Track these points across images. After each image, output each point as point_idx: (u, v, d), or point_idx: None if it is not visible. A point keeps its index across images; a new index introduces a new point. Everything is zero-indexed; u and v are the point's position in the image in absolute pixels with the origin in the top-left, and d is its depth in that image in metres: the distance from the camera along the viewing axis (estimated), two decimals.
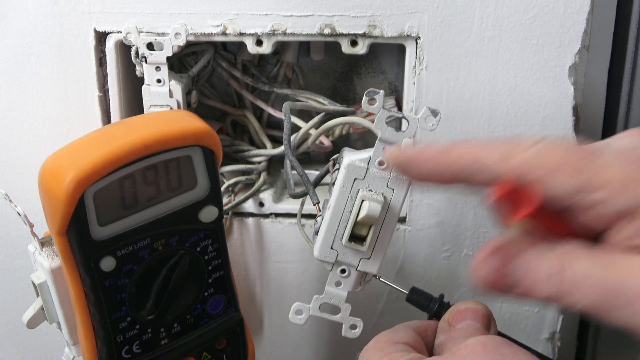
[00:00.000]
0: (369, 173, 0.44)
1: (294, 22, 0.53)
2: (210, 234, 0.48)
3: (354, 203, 0.44)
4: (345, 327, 0.47)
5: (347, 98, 0.65)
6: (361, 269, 0.45)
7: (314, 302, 0.46)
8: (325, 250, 0.45)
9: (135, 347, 0.47)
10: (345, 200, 0.44)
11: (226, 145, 0.61)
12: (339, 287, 0.46)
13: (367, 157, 0.44)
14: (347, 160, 0.44)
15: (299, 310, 0.47)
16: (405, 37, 0.54)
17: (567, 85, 0.54)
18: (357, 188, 0.44)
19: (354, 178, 0.44)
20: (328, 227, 0.44)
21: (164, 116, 0.49)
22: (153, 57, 0.54)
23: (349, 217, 0.44)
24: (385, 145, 0.43)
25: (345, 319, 0.47)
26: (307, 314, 0.46)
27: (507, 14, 0.52)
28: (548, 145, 0.36)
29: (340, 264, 0.45)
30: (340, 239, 0.44)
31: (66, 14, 0.54)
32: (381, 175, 0.44)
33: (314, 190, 0.50)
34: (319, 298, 0.46)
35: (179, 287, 0.48)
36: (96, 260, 0.44)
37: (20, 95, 0.57)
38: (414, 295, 0.48)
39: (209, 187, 0.47)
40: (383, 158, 0.43)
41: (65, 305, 0.48)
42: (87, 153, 0.42)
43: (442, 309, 0.46)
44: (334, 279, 0.46)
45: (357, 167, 0.44)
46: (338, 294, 0.46)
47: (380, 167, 0.44)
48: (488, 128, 0.55)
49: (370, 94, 0.42)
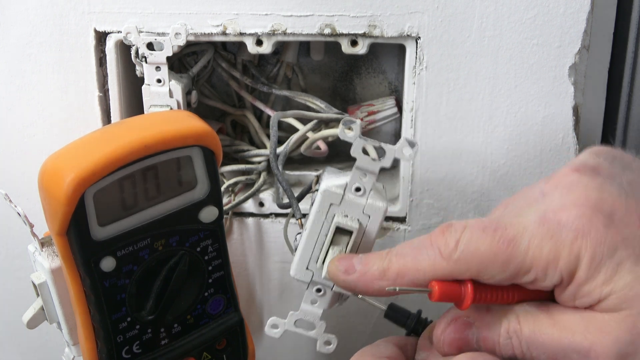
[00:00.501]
0: (345, 199, 0.44)
1: (294, 22, 0.53)
2: (210, 234, 0.48)
3: (329, 227, 0.44)
4: (319, 343, 0.48)
5: (347, 98, 0.64)
6: (336, 290, 0.45)
7: (290, 318, 0.47)
8: (301, 270, 0.45)
9: (135, 347, 0.47)
10: (321, 225, 0.44)
11: (226, 145, 0.61)
12: (315, 305, 0.46)
13: (344, 184, 0.44)
14: (324, 186, 0.44)
15: (275, 325, 0.47)
16: (405, 37, 0.54)
17: (567, 85, 0.54)
18: (332, 213, 0.44)
19: (330, 203, 0.44)
20: (304, 249, 0.45)
21: (164, 116, 0.49)
22: (153, 57, 0.54)
23: (325, 240, 0.44)
24: (363, 172, 0.43)
25: (319, 336, 0.47)
26: (283, 328, 0.47)
27: (507, 14, 0.52)
28: (471, 240, 0.39)
29: (315, 283, 0.46)
30: (315, 261, 0.45)
31: (66, 14, 0.54)
32: (357, 201, 0.44)
33: (297, 205, 0.50)
34: (294, 314, 0.47)
35: (179, 287, 0.48)
36: (96, 261, 0.44)
37: (20, 95, 0.57)
38: (390, 312, 0.48)
39: (209, 187, 0.47)
40: (334, 267, 0.43)
41: (65, 306, 0.48)
42: (87, 153, 0.42)
43: (420, 325, 0.47)
44: (310, 297, 0.46)
45: (333, 193, 0.44)
46: (313, 312, 0.46)
47: (356, 193, 0.44)
48: (488, 128, 0.55)
49: (346, 123, 0.42)
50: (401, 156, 0.43)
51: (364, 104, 0.62)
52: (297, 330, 0.47)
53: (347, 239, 0.44)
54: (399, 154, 0.43)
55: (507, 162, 0.56)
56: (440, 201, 0.57)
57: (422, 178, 0.57)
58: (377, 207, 0.44)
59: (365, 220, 0.44)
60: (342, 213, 0.44)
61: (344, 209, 0.44)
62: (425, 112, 0.55)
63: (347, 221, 0.44)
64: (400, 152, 0.43)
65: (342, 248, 0.44)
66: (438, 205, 0.58)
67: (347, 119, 0.43)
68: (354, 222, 0.44)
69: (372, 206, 0.44)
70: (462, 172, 0.56)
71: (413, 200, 0.57)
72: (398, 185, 0.59)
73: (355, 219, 0.44)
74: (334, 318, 0.51)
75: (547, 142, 0.55)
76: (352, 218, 0.44)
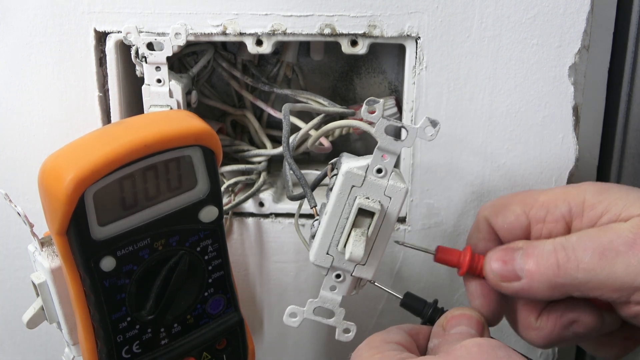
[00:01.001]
0: (366, 181, 0.44)
1: (294, 22, 0.53)
2: (210, 234, 0.48)
3: (351, 210, 0.44)
4: (338, 331, 0.47)
5: (347, 98, 0.64)
6: (356, 274, 0.45)
7: (309, 306, 0.47)
8: (321, 255, 0.45)
9: (135, 347, 0.47)
10: (342, 207, 0.44)
11: (226, 145, 0.61)
12: (334, 292, 0.46)
13: (365, 165, 0.44)
14: (346, 167, 0.44)
15: (293, 314, 0.47)
16: (405, 37, 0.54)
17: (567, 85, 0.54)
18: (354, 195, 0.44)
19: (352, 185, 0.44)
20: (324, 233, 0.45)
21: (164, 116, 0.49)
22: (153, 57, 0.54)
23: (346, 223, 0.44)
24: (384, 154, 0.43)
25: (339, 323, 0.47)
26: (302, 317, 0.47)
27: (507, 14, 0.52)
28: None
29: (335, 269, 0.45)
30: (336, 245, 0.45)
31: (66, 14, 0.54)
32: (379, 183, 0.44)
33: (311, 193, 0.50)
34: (314, 302, 0.47)
35: (179, 287, 0.47)
36: (96, 260, 0.44)
37: (20, 95, 0.57)
38: (408, 300, 0.48)
39: (209, 187, 0.47)
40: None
41: (65, 305, 0.48)
42: (87, 153, 0.42)
43: (436, 314, 0.47)
44: (329, 284, 0.46)
45: (355, 174, 0.44)
46: (332, 298, 0.46)
47: (378, 175, 0.44)
48: (488, 128, 0.55)
49: (370, 102, 0.42)
50: (423, 136, 0.43)
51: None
52: (316, 319, 0.47)
53: (369, 221, 0.44)
54: (421, 134, 0.43)
55: (507, 162, 0.56)
56: (440, 201, 0.57)
57: (422, 178, 0.57)
58: (398, 188, 0.44)
59: (387, 202, 0.44)
60: (364, 195, 0.44)
61: (366, 191, 0.44)
62: (425, 112, 0.55)
63: (369, 203, 0.43)
64: (423, 131, 0.43)
65: (364, 230, 0.44)
66: (438, 205, 0.58)
67: (370, 99, 0.43)
68: (375, 204, 0.44)
69: (394, 187, 0.44)
70: (462, 172, 0.56)
71: (413, 200, 0.57)
72: None
73: (377, 200, 0.44)
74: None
75: (547, 142, 0.55)
76: (373, 200, 0.44)
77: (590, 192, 0.46)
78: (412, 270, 0.60)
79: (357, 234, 0.44)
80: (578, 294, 0.43)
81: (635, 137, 0.60)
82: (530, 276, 0.43)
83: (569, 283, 0.43)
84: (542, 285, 0.43)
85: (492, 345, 0.41)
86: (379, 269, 0.46)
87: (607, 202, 0.44)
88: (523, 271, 0.44)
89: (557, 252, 0.43)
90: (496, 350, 0.40)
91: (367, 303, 0.60)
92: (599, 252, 0.42)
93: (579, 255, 0.42)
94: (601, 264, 0.42)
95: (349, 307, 0.48)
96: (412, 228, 0.58)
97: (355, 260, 0.44)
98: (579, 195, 0.46)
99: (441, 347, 0.44)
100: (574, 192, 0.46)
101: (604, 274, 0.42)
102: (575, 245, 0.43)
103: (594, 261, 0.42)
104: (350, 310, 0.49)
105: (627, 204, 0.44)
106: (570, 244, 0.43)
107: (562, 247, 0.43)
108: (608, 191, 0.45)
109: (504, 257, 0.45)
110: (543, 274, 0.43)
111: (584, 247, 0.43)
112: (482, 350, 0.40)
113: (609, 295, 0.42)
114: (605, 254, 0.42)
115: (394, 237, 0.57)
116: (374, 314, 0.61)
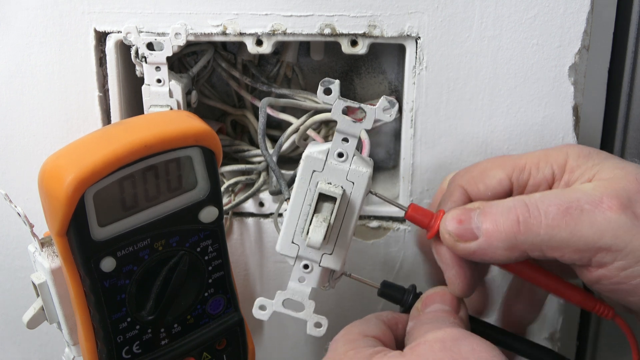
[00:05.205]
0: (327, 165, 0.43)
1: (294, 22, 0.53)
2: (210, 234, 0.48)
3: (313, 196, 0.43)
4: (309, 325, 0.46)
5: (347, 98, 0.64)
6: (324, 265, 0.44)
7: (277, 297, 0.45)
8: (286, 244, 0.44)
9: (135, 347, 0.47)
10: (305, 193, 0.43)
11: (226, 145, 0.61)
12: (302, 283, 0.45)
13: (326, 149, 0.43)
14: (306, 152, 0.43)
15: (263, 306, 0.45)
16: (405, 37, 0.54)
17: (567, 85, 0.54)
18: (315, 180, 0.43)
19: (313, 170, 0.43)
20: (288, 221, 0.44)
21: (164, 116, 0.49)
22: (153, 57, 0.54)
23: (309, 210, 0.43)
24: (344, 136, 0.42)
25: (309, 316, 0.46)
26: (271, 309, 0.45)
27: (507, 14, 0.52)
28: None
29: (302, 259, 0.44)
30: (300, 233, 0.43)
31: (66, 14, 0.54)
32: (340, 167, 0.43)
33: (286, 185, 0.49)
34: (282, 293, 0.45)
35: (179, 287, 0.48)
36: (96, 261, 0.44)
37: (20, 95, 0.57)
38: (385, 289, 0.47)
39: (209, 188, 0.47)
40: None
41: (66, 306, 0.48)
42: (87, 154, 0.42)
43: (415, 300, 0.46)
44: (297, 275, 0.45)
45: (316, 159, 0.43)
46: (301, 290, 0.45)
47: (339, 159, 0.43)
48: (488, 128, 0.55)
49: (325, 83, 0.41)
50: (382, 117, 0.42)
51: (364, 104, 0.62)
52: (285, 312, 0.45)
53: (332, 207, 0.43)
54: (379, 115, 0.42)
55: None
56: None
57: (422, 178, 0.57)
58: (360, 173, 0.43)
59: (350, 187, 0.43)
60: (326, 180, 0.43)
61: (327, 176, 0.43)
62: (425, 112, 0.55)
63: (330, 188, 0.43)
64: (381, 112, 0.42)
65: (327, 216, 0.43)
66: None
67: (325, 79, 0.42)
68: (337, 189, 0.43)
69: (356, 172, 0.43)
70: None
71: (413, 200, 0.57)
72: (398, 185, 0.59)
73: (339, 185, 0.43)
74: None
75: (547, 142, 0.55)
76: (335, 185, 0.43)
77: (572, 155, 0.44)
78: (412, 270, 0.60)
79: (319, 220, 0.42)
80: (538, 254, 0.41)
81: (635, 137, 0.60)
82: (487, 234, 0.41)
83: (530, 241, 0.41)
84: (500, 244, 0.41)
85: (455, 339, 0.40)
86: (346, 259, 0.45)
87: (585, 166, 0.43)
88: (480, 230, 0.42)
89: (517, 208, 0.41)
90: (459, 343, 0.39)
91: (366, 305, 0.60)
92: (564, 208, 0.40)
93: (543, 210, 0.41)
94: (565, 220, 0.40)
95: (347, 306, 0.48)
96: (412, 228, 0.58)
97: (314, 246, 0.42)
98: (561, 157, 0.45)
99: (414, 330, 0.44)
100: (555, 155, 0.45)
101: (567, 231, 0.40)
102: (539, 201, 0.41)
103: (558, 217, 0.40)
104: (350, 312, 0.48)
105: (600, 170, 0.43)
106: (533, 199, 0.41)
107: (523, 203, 0.41)
108: (588, 156, 0.44)
109: (460, 217, 0.43)
110: (502, 231, 0.41)
111: (548, 202, 0.41)
112: (444, 347, 0.39)
113: (569, 256, 0.41)
114: (570, 211, 0.40)
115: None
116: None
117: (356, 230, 0.58)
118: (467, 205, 0.44)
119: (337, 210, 0.43)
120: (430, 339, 0.40)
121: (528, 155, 0.46)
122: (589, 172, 0.43)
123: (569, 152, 0.45)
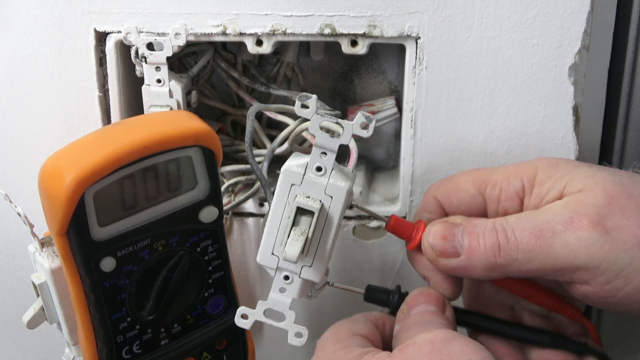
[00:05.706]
0: (305, 179, 0.43)
1: (294, 22, 0.53)
2: (210, 234, 0.48)
3: (292, 209, 0.43)
4: (290, 335, 0.46)
5: (347, 98, 0.64)
6: (304, 276, 0.44)
7: (259, 307, 0.45)
8: (266, 255, 0.44)
9: (135, 347, 0.47)
10: (284, 206, 0.43)
11: (226, 145, 0.61)
12: (283, 294, 0.45)
13: (305, 163, 0.43)
14: (285, 166, 0.43)
15: (245, 315, 0.45)
16: (405, 37, 0.54)
17: (567, 85, 0.54)
18: (294, 194, 0.43)
19: (291, 183, 0.43)
20: (268, 232, 0.44)
21: (164, 116, 0.49)
22: (153, 57, 0.54)
23: (287, 222, 0.43)
24: (322, 150, 0.42)
25: (289, 326, 0.45)
26: (252, 318, 0.45)
27: (507, 14, 0.52)
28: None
29: (282, 270, 0.44)
30: (280, 245, 0.44)
31: (66, 14, 0.54)
32: (319, 181, 0.43)
33: (272, 194, 0.49)
34: (263, 303, 0.45)
35: (179, 287, 0.48)
36: (96, 261, 0.44)
37: (20, 95, 0.57)
38: (370, 293, 0.47)
39: (209, 188, 0.47)
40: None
41: (66, 306, 0.48)
42: (87, 154, 0.42)
43: (401, 300, 0.46)
44: (278, 285, 0.45)
45: (294, 172, 0.43)
46: (282, 301, 0.45)
47: (317, 173, 0.43)
48: (488, 128, 0.55)
49: (302, 98, 0.41)
50: (359, 132, 0.42)
51: (364, 104, 0.62)
52: (266, 321, 0.45)
53: (310, 221, 0.43)
54: (356, 130, 0.42)
55: (507, 162, 0.56)
56: None
57: (422, 178, 0.57)
58: (338, 187, 0.43)
59: (328, 202, 0.43)
60: (304, 194, 0.43)
61: (306, 190, 0.43)
62: (425, 112, 0.55)
63: (308, 202, 0.43)
64: (358, 127, 0.42)
65: (305, 230, 0.43)
66: None
67: (302, 94, 0.42)
68: (315, 203, 0.43)
69: (334, 186, 0.43)
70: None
71: (413, 200, 0.57)
72: (398, 185, 0.59)
73: (318, 199, 0.43)
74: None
75: (547, 142, 0.55)
76: (313, 199, 0.43)
77: (541, 168, 0.45)
78: (412, 271, 0.59)
79: (296, 234, 0.43)
80: (517, 274, 0.43)
81: (635, 137, 0.60)
82: (469, 254, 0.43)
83: (509, 264, 0.42)
84: (480, 264, 0.43)
85: (444, 340, 0.40)
86: (325, 271, 0.45)
87: (555, 178, 0.44)
88: (463, 248, 0.43)
89: (497, 232, 0.42)
90: (449, 345, 0.39)
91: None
92: (536, 232, 0.41)
93: (518, 236, 0.42)
94: (539, 243, 0.41)
95: (347, 312, 0.48)
96: None
97: (290, 260, 0.42)
98: (531, 170, 0.45)
99: (401, 334, 0.44)
100: (525, 168, 0.46)
101: (542, 253, 0.41)
102: (514, 225, 0.42)
103: (532, 241, 0.41)
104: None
105: (571, 180, 0.43)
106: (509, 225, 0.43)
107: (501, 227, 0.43)
108: (556, 167, 0.45)
109: (444, 232, 0.44)
110: (483, 253, 0.42)
111: (522, 227, 0.42)
112: (434, 349, 0.39)
113: (550, 275, 0.42)
114: (543, 234, 0.41)
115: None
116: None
117: (356, 231, 0.58)
118: (449, 219, 0.45)
119: (315, 224, 0.43)
120: (419, 341, 0.40)
121: (500, 169, 0.47)
122: (559, 183, 0.44)
123: (538, 164, 0.46)
